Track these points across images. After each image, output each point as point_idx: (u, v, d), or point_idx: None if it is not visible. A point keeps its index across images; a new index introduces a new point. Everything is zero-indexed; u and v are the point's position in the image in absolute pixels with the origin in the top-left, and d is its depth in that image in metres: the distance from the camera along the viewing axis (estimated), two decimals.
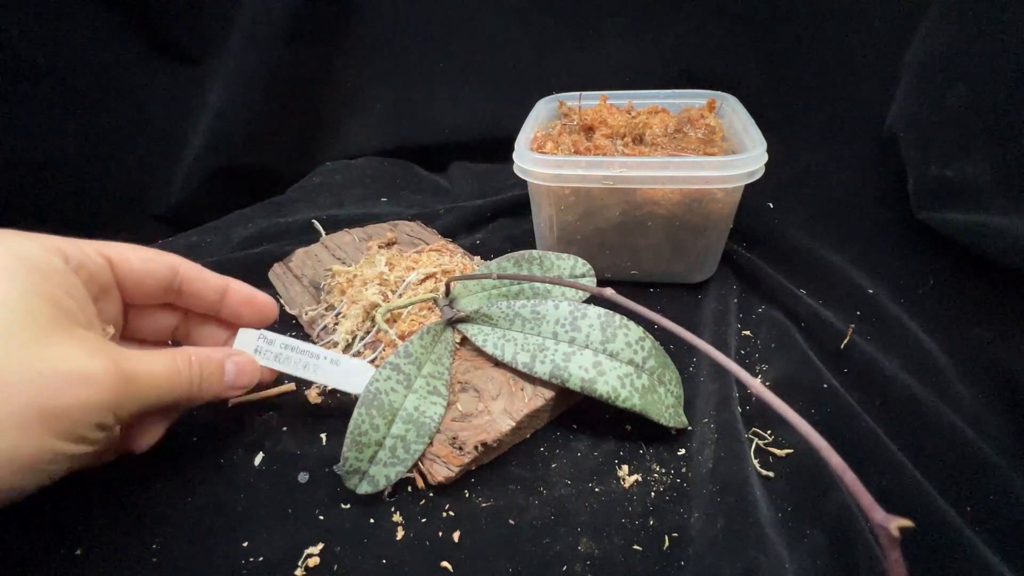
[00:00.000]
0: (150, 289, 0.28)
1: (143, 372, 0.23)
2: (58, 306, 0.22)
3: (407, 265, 0.43)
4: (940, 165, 0.41)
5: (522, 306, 0.34)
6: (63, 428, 0.20)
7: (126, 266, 0.27)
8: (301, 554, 0.27)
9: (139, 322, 0.30)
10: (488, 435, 0.30)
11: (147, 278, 0.28)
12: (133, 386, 0.23)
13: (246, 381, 0.30)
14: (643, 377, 0.32)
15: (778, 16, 0.57)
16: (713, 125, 0.46)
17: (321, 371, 0.31)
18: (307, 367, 0.31)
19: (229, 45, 0.67)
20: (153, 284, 0.28)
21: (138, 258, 0.28)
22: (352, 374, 0.31)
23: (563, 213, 0.43)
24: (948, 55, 0.43)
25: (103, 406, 0.21)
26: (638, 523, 0.28)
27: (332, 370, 0.31)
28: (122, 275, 0.27)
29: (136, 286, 0.28)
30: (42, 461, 0.20)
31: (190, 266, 0.30)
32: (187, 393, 0.26)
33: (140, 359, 0.24)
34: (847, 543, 0.26)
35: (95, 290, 0.26)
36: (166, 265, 0.29)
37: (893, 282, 0.43)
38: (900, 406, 0.33)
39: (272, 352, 0.31)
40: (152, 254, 0.28)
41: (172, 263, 0.29)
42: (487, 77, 0.71)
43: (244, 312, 0.31)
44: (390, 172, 0.73)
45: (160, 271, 0.28)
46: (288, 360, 0.31)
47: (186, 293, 0.30)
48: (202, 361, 0.27)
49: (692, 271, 0.45)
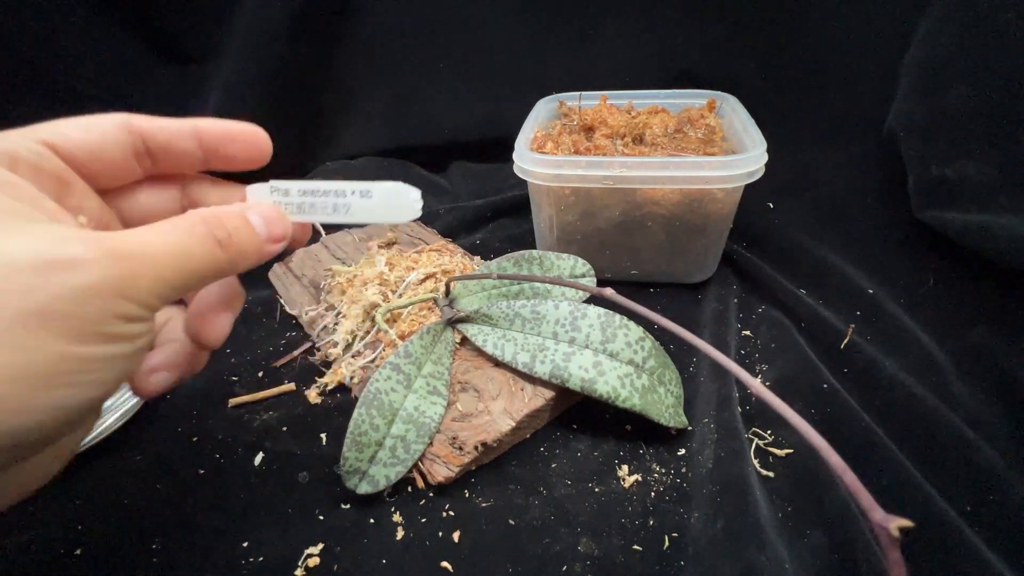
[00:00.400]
0: (112, 161, 0.23)
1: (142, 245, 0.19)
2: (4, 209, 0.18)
3: (407, 265, 0.43)
4: (940, 165, 0.42)
5: (522, 306, 0.34)
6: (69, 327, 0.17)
7: (69, 144, 0.22)
8: (301, 554, 0.27)
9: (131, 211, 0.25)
10: (488, 435, 0.30)
11: (100, 150, 0.23)
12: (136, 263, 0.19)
13: (280, 231, 0.25)
14: (643, 377, 0.32)
15: (778, 16, 0.57)
16: (713, 125, 0.46)
17: (354, 209, 0.27)
18: (336, 209, 0.27)
19: (229, 45, 0.67)
20: (112, 154, 0.23)
21: (77, 128, 0.22)
22: (390, 200, 0.26)
23: (563, 213, 0.43)
24: (948, 55, 0.43)
25: (103, 292, 0.18)
26: (638, 523, 0.28)
27: (366, 204, 0.27)
28: (71, 156, 0.22)
29: (94, 163, 0.23)
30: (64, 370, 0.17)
31: (141, 118, 0.24)
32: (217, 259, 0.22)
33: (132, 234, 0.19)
34: (847, 543, 0.26)
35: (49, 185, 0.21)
36: (113, 125, 0.23)
37: (893, 282, 0.43)
38: (900, 406, 0.33)
39: (293, 203, 0.27)
40: (91, 120, 0.23)
41: (117, 121, 0.23)
42: (487, 77, 0.71)
43: (232, 152, 0.26)
44: (390, 172, 0.73)
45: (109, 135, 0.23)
46: (313, 207, 0.27)
47: (156, 153, 0.25)
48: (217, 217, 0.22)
49: (692, 271, 0.45)
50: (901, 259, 0.44)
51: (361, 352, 0.37)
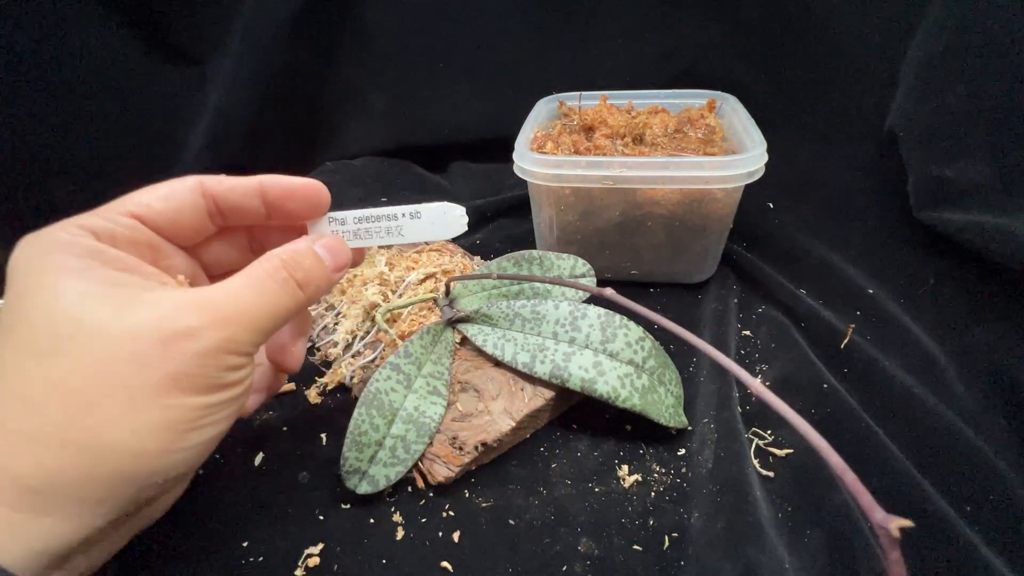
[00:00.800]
0: (191, 224, 0.26)
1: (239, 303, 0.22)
2: (115, 282, 0.21)
3: (407, 265, 0.43)
4: (940, 165, 0.41)
5: (522, 306, 0.34)
6: (194, 384, 0.20)
7: (153, 214, 0.24)
8: (301, 554, 0.27)
9: (210, 261, 0.28)
10: (488, 435, 0.30)
11: (179, 216, 0.25)
12: (237, 324, 0.22)
13: (343, 260, 0.27)
14: (643, 377, 0.32)
15: (778, 16, 0.57)
16: (713, 125, 0.46)
17: (406, 230, 0.29)
18: (389, 232, 0.29)
19: (229, 45, 0.67)
20: (190, 218, 0.25)
21: (158, 199, 0.25)
22: (438, 217, 0.28)
23: (563, 213, 0.43)
24: (948, 55, 0.42)
25: (216, 352, 0.21)
26: (638, 523, 0.28)
27: (416, 224, 0.29)
28: (156, 225, 0.25)
29: (176, 227, 0.25)
30: (196, 417, 0.21)
31: (211, 181, 0.26)
32: (299, 299, 0.25)
33: (228, 292, 0.22)
34: (847, 543, 0.26)
35: (145, 252, 0.24)
36: (189, 191, 0.25)
37: (893, 282, 0.43)
38: (900, 406, 0.33)
39: (350, 231, 0.29)
40: (169, 188, 0.25)
41: (191, 185, 0.25)
42: (487, 77, 0.71)
43: (292, 208, 0.27)
44: (390, 172, 0.73)
45: (187, 202, 0.25)
46: (369, 232, 0.29)
47: (226, 212, 0.27)
48: (294, 259, 0.25)
49: (692, 271, 0.45)
50: (901, 259, 0.44)
51: (361, 352, 0.37)
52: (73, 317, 0.19)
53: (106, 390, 0.19)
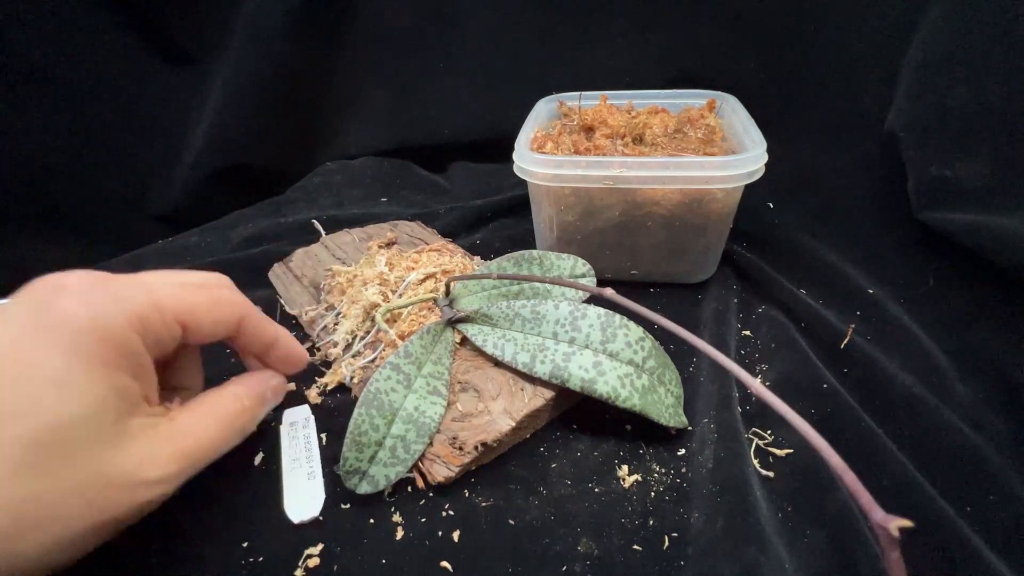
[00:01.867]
0: (209, 340, 0.28)
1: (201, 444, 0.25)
2: (124, 396, 0.23)
3: (407, 265, 0.43)
4: (940, 165, 0.41)
5: (522, 306, 0.34)
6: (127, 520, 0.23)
7: (196, 331, 0.27)
8: (301, 554, 0.27)
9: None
10: (488, 435, 0.30)
11: (212, 336, 0.28)
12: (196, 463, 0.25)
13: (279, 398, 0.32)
14: (643, 377, 0.32)
15: (778, 16, 0.57)
16: (713, 125, 0.46)
17: (291, 474, 0.31)
18: (296, 462, 0.32)
19: (229, 45, 0.67)
20: (214, 338, 0.28)
21: (210, 321, 0.27)
22: (297, 497, 0.30)
23: (563, 213, 0.43)
24: (948, 55, 0.42)
25: (160, 498, 0.24)
26: (638, 523, 0.28)
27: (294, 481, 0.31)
28: (190, 338, 0.27)
29: (198, 339, 0.28)
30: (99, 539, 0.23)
31: (251, 321, 0.29)
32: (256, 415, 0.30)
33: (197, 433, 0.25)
34: (847, 543, 0.26)
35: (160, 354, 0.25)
36: (234, 321, 0.28)
37: (893, 282, 0.43)
38: (900, 406, 0.33)
39: (296, 425, 0.34)
40: (223, 312, 0.28)
41: (238, 320, 0.29)
42: (487, 77, 0.71)
43: (278, 365, 0.32)
44: (390, 172, 0.73)
45: (227, 328, 0.28)
46: (291, 439, 0.33)
47: (238, 341, 0.30)
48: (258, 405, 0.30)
49: (692, 271, 0.45)
50: (901, 259, 0.44)
51: (361, 352, 0.37)
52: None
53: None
